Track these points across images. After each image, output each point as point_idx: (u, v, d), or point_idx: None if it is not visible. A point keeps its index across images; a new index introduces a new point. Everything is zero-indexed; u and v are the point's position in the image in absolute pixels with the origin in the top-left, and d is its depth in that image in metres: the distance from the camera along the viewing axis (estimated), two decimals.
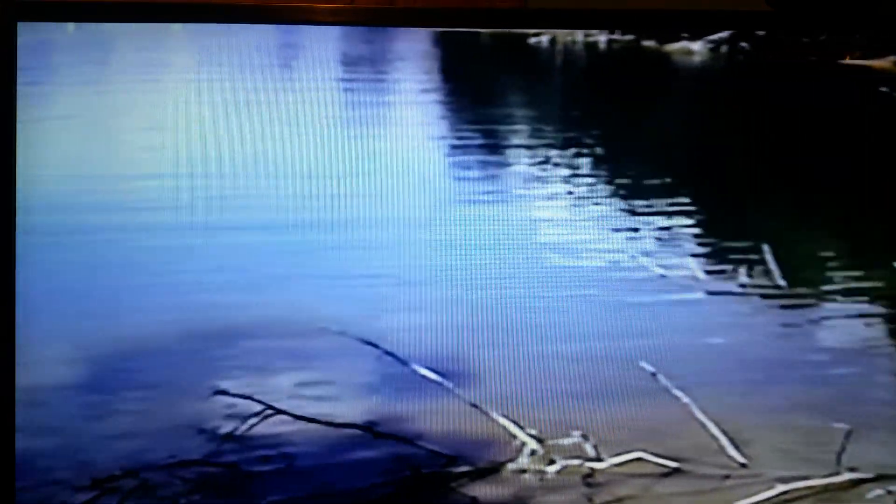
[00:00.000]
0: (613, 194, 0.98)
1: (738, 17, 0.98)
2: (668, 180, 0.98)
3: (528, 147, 0.98)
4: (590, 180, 0.98)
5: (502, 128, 0.98)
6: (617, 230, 0.98)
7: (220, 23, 0.95)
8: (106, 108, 0.95)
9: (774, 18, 1.01)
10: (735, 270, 0.98)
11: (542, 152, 0.98)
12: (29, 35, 0.94)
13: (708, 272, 0.98)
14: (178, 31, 0.97)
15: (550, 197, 0.98)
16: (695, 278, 0.98)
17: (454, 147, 0.98)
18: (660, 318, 0.97)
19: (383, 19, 0.97)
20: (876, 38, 0.97)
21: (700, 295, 0.98)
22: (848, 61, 0.97)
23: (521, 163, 0.98)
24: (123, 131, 0.95)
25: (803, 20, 0.98)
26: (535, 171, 0.98)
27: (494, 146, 0.98)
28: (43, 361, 0.95)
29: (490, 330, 0.96)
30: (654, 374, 0.97)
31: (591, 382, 0.97)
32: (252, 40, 0.97)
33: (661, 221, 0.98)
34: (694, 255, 0.98)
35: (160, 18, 0.95)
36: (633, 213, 0.98)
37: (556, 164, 0.98)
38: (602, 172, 0.98)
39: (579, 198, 0.98)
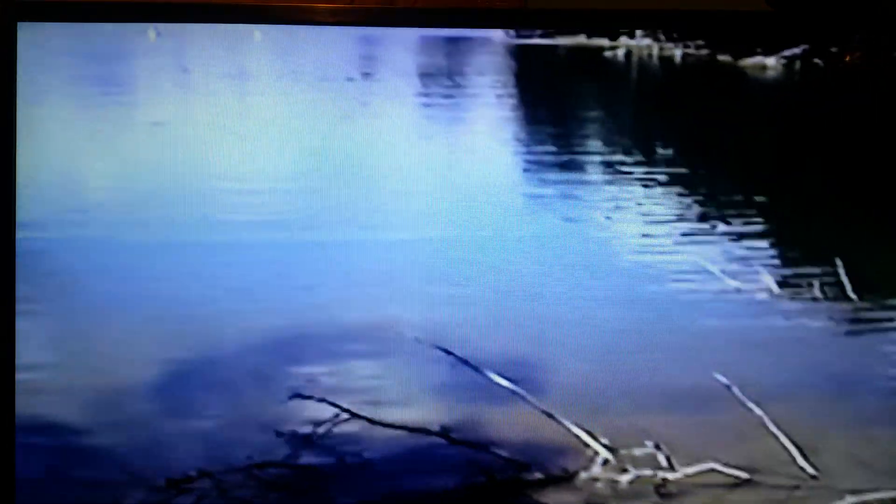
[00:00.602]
0: (688, 208, 0.99)
1: (738, 17, 0.98)
2: (742, 195, 0.99)
3: (602, 161, 0.99)
4: (664, 195, 0.99)
5: (577, 141, 0.99)
6: (691, 243, 0.98)
7: (221, 23, 0.95)
8: (191, 117, 0.96)
9: (774, 18, 1.01)
10: (809, 284, 0.99)
11: (616, 166, 0.99)
12: (105, 42, 0.96)
13: (782, 285, 0.99)
14: (258, 37, 0.98)
15: (625, 210, 0.98)
16: (769, 291, 0.98)
17: (529, 161, 0.98)
18: (734, 331, 0.97)
19: (383, 19, 0.97)
20: (876, 38, 0.97)
21: (774, 308, 0.98)
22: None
23: (595, 177, 0.98)
24: (208, 142, 0.96)
25: (803, 20, 0.98)
26: (610, 185, 0.98)
27: (569, 160, 0.99)
28: (123, 360, 0.95)
29: (564, 340, 0.97)
30: (728, 387, 0.97)
31: (665, 393, 0.97)
32: (330, 51, 0.97)
33: (736, 235, 0.98)
34: (768, 269, 0.98)
35: (160, 19, 0.95)
36: (707, 226, 0.98)
37: (631, 179, 0.99)
38: (676, 187, 0.99)
39: (654, 212, 0.99)
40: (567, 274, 0.98)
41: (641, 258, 0.98)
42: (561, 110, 1.00)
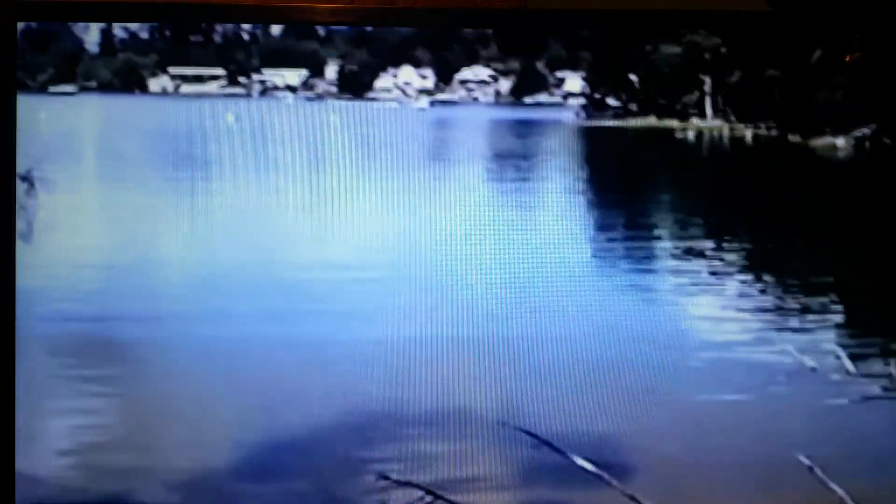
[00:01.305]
0: (762, 287, 0.99)
1: (738, 17, 0.98)
2: (815, 276, 0.99)
3: (674, 240, 0.99)
4: (737, 275, 0.99)
5: (648, 223, 1.00)
6: (766, 323, 0.98)
7: (220, 23, 0.95)
8: (268, 202, 0.96)
9: (774, 18, 1.02)
10: (886, 363, 0.99)
11: (688, 245, 0.99)
12: (182, 123, 0.96)
13: (857, 364, 0.99)
14: (334, 121, 0.99)
15: (698, 290, 0.98)
16: (847, 371, 0.98)
17: (601, 242, 0.99)
18: (816, 412, 0.97)
19: (383, 19, 0.97)
20: (876, 38, 0.98)
21: (850, 388, 0.98)
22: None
23: (666, 256, 0.99)
24: (283, 228, 0.96)
25: (803, 20, 0.99)
26: (681, 264, 0.99)
27: (640, 239, 0.99)
28: (201, 445, 0.95)
29: (647, 423, 0.97)
30: (810, 468, 0.97)
31: (749, 474, 0.97)
32: (404, 133, 0.98)
33: (811, 315, 0.98)
34: (844, 348, 0.99)
35: (160, 19, 0.95)
36: (781, 306, 0.99)
37: (702, 258, 0.99)
38: (749, 265, 0.99)
39: (727, 293, 0.99)
40: (644, 356, 0.97)
41: (715, 338, 0.98)
42: (632, 192, 1.01)
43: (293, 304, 0.95)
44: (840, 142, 1.01)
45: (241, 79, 0.98)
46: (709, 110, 1.00)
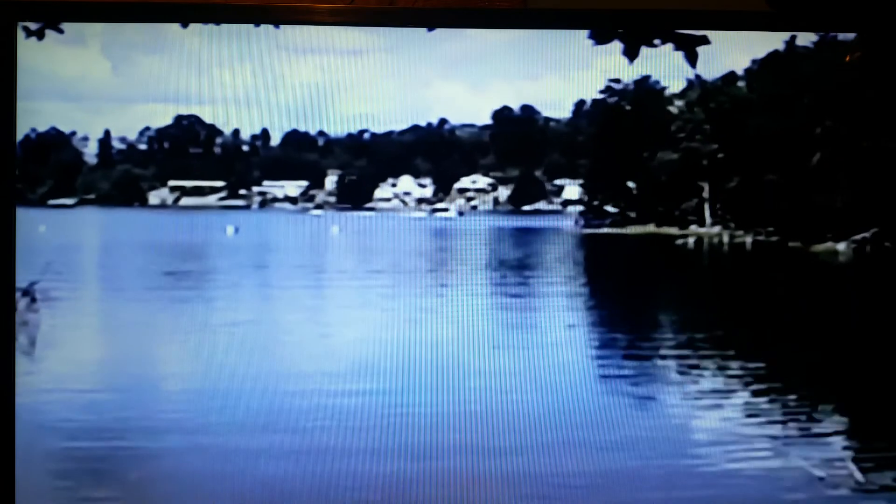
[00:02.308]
0: (768, 396, 0.98)
1: (738, 17, 0.98)
2: (820, 387, 0.99)
3: (677, 347, 0.99)
4: (742, 385, 0.98)
5: (649, 329, 0.99)
6: (774, 435, 0.97)
7: (220, 23, 0.94)
8: (267, 316, 0.96)
9: (774, 18, 1.01)
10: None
11: (691, 352, 0.99)
12: (181, 235, 0.96)
13: (865, 473, 0.97)
14: (336, 232, 0.99)
15: (701, 399, 0.98)
16: (854, 480, 0.97)
17: (601, 346, 0.98)
18: None
19: (383, 19, 0.97)
20: (876, 38, 0.98)
21: (862, 497, 0.97)
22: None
23: (668, 364, 0.98)
24: (284, 341, 0.96)
25: (803, 20, 0.99)
26: (684, 372, 0.98)
27: (642, 348, 0.99)
28: None
29: None
30: None
31: None
32: (404, 242, 0.98)
33: (816, 424, 0.97)
34: (853, 459, 0.97)
35: (160, 19, 0.94)
36: (787, 416, 0.98)
37: (704, 365, 0.99)
38: (754, 378, 0.98)
39: (732, 402, 0.98)
40: (639, 456, 0.96)
41: (721, 448, 0.96)
42: (633, 298, 1.00)
43: (292, 417, 0.93)
44: (840, 247, 1.00)
45: (242, 191, 0.98)
46: (708, 217, 1.00)
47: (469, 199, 1.01)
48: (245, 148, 1.00)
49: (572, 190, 1.01)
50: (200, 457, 0.94)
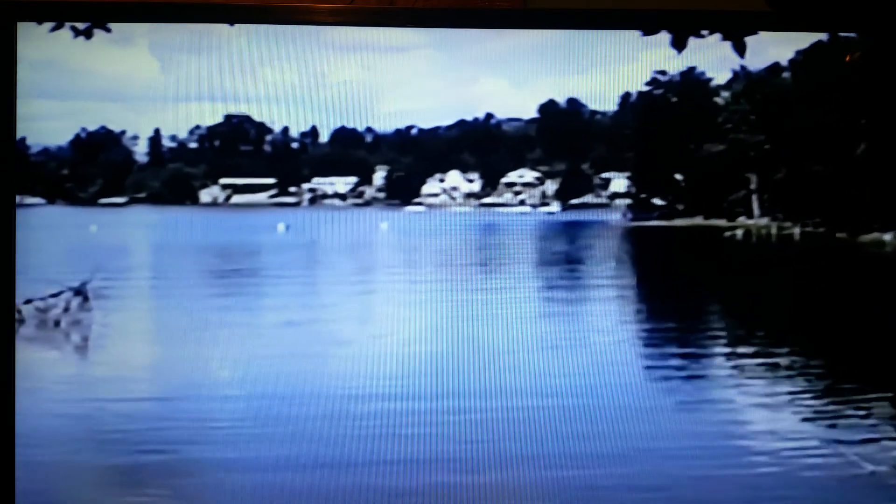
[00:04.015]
0: (819, 390, 0.98)
1: (738, 17, 0.98)
2: (869, 378, 0.98)
3: (726, 342, 0.99)
4: (788, 376, 0.98)
5: (699, 322, 0.99)
6: (827, 428, 0.97)
7: (221, 23, 0.95)
8: (319, 314, 0.96)
9: (774, 18, 1.01)
10: None
11: (739, 347, 0.99)
12: (232, 233, 0.97)
13: None
14: (385, 228, 0.99)
15: (746, 391, 0.98)
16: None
17: (649, 342, 0.99)
18: None
19: (383, 19, 0.97)
20: (876, 38, 0.98)
21: None
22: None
23: (717, 359, 0.98)
24: (335, 338, 0.96)
25: (803, 20, 0.99)
26: (733, 367, 0.98)
27: (692, 342, 0.99)
28: None
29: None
30: None
31: None
32: (451, 237, 0.99)
33: (872, 419, 0.98)
34: None
35: (160, 19, 0.94)
36: (838, 411, 0.98)
37: (754, 359, 0.99)
38: (800, 369, 0.98)
39: (776, 392, 0.98)
40: (690, 451, 0.96)
41: (770, 445, 0.97)
42: (681, 292, 1.00)
43: (345, 419, 0.94)
44: (888, 237, 1.00)
45: (292, 188, 0.99)
46: (756, 208, 1.00)
47: (517, 194, 1.02)
48: (294, 145, 1.00)
49: (619, 183, 1.01)
50: (256, 461, 0.94)
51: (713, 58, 0.99)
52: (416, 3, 1.12)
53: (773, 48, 0.99)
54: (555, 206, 0.99)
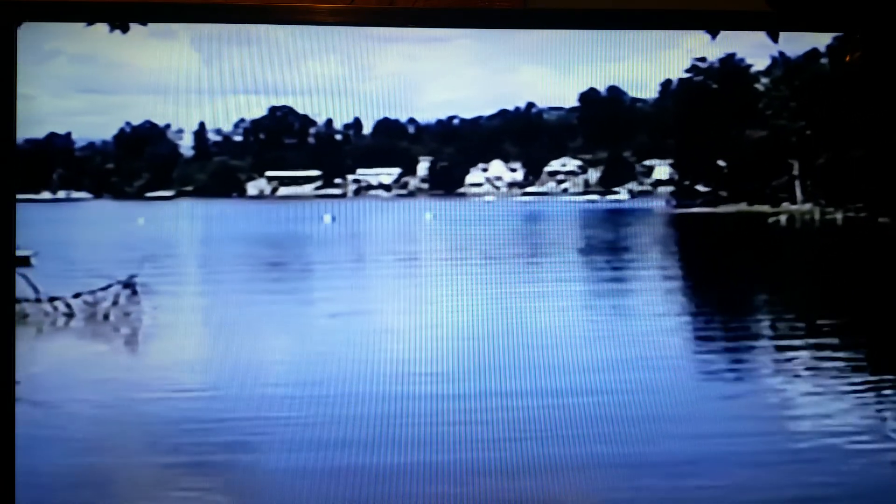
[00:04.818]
0: (863, 373, 0.99)
1: (738, 17, 0.98)
2: None
3: (772, 328, 0.99)
4: (836, 361, 0.99)
5: (744, 309, 1.00)
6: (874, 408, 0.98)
7: (221, 23, 0.94)
8: (365, 305, 0.97)
9: (774, 18, 1.01)
10: None
11: (785, 332, 0.99)
12: (278, 224, 0.97)
13: None
14: (429, 218, 1.00)
15: (796, 379, 0.98)
16: None
17: (696, 329, 0.99)
18: None
19: (383, 19, 0.97)
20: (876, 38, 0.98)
21: None
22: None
23: (766, 346, 0.99)
24: (380, 323, 0.97)
25: (803, 20, 0.99)
26: (781, 355, 0.99)
27: (737, 328, 0.99)
28: None
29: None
30: None
31: None
32: (494, 227, 0.99)
33: None
34: None
35: (160, 19, 0.94)
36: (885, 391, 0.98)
37: (801, 346, 0.99)
38: (848, 355, 0.99)
39: (824, 379, 0.98)
40: (740, 437, 0.97)
41: (821, 429, 0.97)
42: (726, 279, 1.01)
43: (395, 406, 0.94)
44: None
45: (337, 179, 1.00)
46: (799, 194, 1.01)
47: (560, 182, 1.02)
48: (338, 137, 1.01)
49: (662, 170, 1.01)
50: (301, 447, 0.94)
51: (750, 44, 0.99)
52: (417, 3, 1.12)
53: (809, 35, 0.99)
54: (624, 195, 0.99)
